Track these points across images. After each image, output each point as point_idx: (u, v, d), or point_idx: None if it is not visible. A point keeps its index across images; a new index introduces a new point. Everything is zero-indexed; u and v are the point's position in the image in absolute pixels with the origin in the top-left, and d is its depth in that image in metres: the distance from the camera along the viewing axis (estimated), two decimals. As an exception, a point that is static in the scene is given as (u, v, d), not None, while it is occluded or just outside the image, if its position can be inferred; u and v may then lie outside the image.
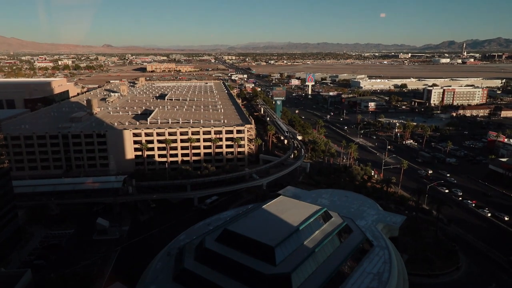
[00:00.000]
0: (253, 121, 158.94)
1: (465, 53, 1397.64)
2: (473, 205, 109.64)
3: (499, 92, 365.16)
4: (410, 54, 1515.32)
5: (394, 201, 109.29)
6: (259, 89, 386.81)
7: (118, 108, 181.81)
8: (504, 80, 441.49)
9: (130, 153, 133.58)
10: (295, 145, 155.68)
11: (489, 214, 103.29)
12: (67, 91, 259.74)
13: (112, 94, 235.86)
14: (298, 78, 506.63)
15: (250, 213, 55.42)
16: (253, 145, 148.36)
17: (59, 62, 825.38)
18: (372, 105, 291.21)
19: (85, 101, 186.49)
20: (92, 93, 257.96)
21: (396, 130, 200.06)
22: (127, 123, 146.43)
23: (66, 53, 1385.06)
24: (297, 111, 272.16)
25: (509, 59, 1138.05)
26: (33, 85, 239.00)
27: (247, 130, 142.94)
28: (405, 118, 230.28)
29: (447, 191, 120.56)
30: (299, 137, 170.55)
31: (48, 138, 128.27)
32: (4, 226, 79.01)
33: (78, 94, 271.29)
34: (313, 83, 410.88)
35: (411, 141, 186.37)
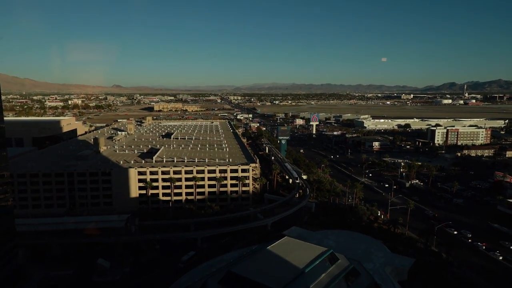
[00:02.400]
0: (258, 160, 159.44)
1: (466, 94, 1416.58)
2: (484, 247, 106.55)
3: (502, 132, 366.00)
4: (412, 95, 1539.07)
5: (402, 242, 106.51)
6: (264, 128, 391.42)
7: (124, 147, 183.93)
8: (507, 121, 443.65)
9: (134, 192, 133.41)
10: (300, 184, 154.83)
11: (500, 257, 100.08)
12: (75, 129, 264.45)
13: (119, 132, 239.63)
14: (302, 118, 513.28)
15: (254, 255, 54.23)
16: (258, 184, 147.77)
17: (69, 102, 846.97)
18: (376, 144, 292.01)
19: (92, 140, 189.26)
20: (99, 132, 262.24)
21: (401, 170, 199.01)
22: (132, 162, 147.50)
23: (76, 93, 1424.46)
24: (301, 151, 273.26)
25: (511, 100, 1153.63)
26: (42, 124, 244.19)
27: (252, 169, 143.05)
28: (409, 157, 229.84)
29: (455, 232, 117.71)
30: (304, 177, 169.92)
31: (54, 176, 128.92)
32: (4, 265, 77.66)
33: (86, 132, 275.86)
34: (317, 123, 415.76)
35: (417, 181, 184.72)
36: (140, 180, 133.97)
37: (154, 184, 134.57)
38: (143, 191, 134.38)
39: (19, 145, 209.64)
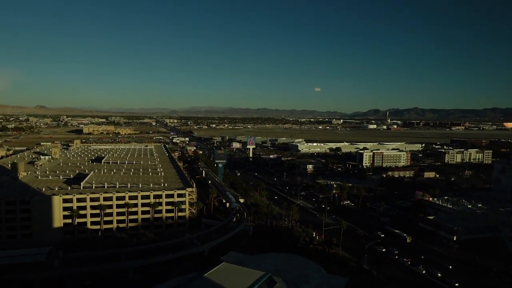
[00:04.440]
0: (194, 184, 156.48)
1: (389, 120, 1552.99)
2: (409, 263, 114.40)
3: (420, 155, 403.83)
4: (342, 120, 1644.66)
5: (336, 262, 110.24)
6: (201, 152, 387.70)
7: (48, 172, 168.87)
8: (423, 145, 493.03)
9: (58, 221, 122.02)
10: (237, 208, 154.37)
11: (423, 271, 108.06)
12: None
13: (42, 157, 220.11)
14: (239, 142, 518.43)
15: (191, 283, 52.53)
16: (195, 209, 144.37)
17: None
18: (310, 167, 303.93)
19: (9, 165, 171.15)
20: (18, 156, 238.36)
21: (334, 191, 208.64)
22: (57, 188, 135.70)
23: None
24: (238, 174, 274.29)
25: (426, 126, 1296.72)
26: None
27: (189, 194, 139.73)
28: (341, 179, 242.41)
29: (384, 250, 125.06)
30: (241, 200, 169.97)
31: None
32: None
33: (2, 157, 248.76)
34: (254, 147, 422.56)
35: (348, 201, 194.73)
36: (65, 208, 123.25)
37: (82, 212, 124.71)
38: (69, 220, 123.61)
39: None
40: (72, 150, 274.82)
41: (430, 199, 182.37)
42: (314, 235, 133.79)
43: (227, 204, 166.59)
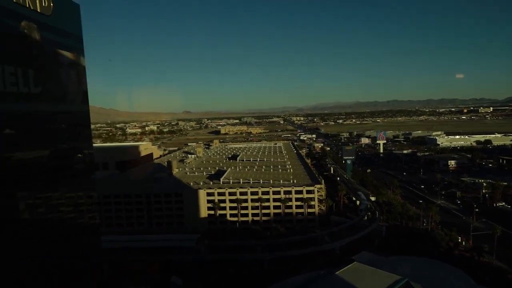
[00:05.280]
0: (323, 180, 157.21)
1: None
2: None
3: None
4: (491, 107, 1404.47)
5: (489, 273, 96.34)
6: (328, 148, 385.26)
7: (194, 169, 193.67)
8: None
9: (204, 212, 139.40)
10: (368, 206, 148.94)
11: None
12: (152, 153, 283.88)
13: (189, 155, 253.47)
14: (368, 137, 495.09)
15: (322, 280, 53.51)
16: (324, 206, 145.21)
17: (146, 128, 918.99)
18: (452, 163, 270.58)
19: (166, 163, 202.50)
20: (172, 155, 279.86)
21: (484, 191, 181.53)
22: (201, 183, 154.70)
23: (152, 120, 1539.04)
24: (368, 171, 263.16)
25: None
26: (124, 149, 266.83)
27: (317, 190, 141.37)
28: (493, 177, 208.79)
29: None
30: (372, 198, 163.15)
31: (134, 197, 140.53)
32: (92, 280, 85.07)
33: (160, 156, 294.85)
34: (385, 141, 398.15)
35: (503, 203, 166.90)
36: (209, 201, 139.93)
37: (222, 205, 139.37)
38: (212, 212, 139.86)
39: (105, 168, 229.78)
40: (212, 149, 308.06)
41: None
42: (459, 240, 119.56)
43: (357, 202, 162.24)
